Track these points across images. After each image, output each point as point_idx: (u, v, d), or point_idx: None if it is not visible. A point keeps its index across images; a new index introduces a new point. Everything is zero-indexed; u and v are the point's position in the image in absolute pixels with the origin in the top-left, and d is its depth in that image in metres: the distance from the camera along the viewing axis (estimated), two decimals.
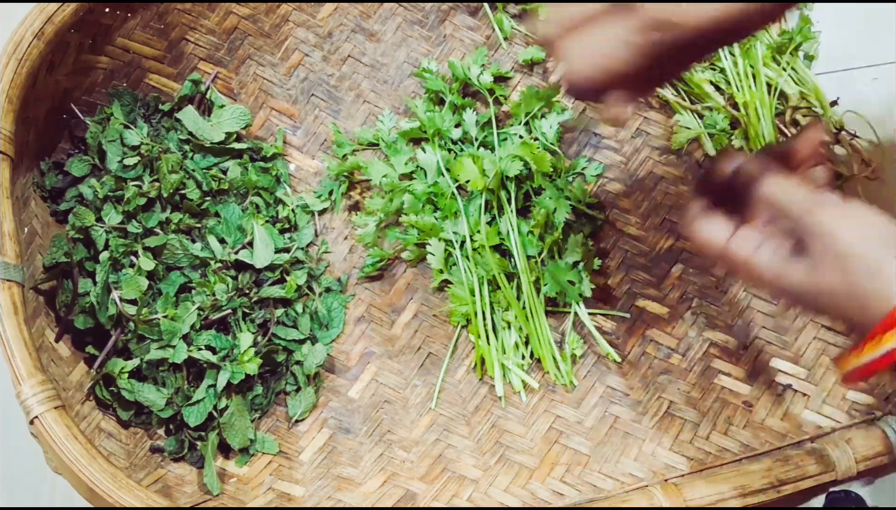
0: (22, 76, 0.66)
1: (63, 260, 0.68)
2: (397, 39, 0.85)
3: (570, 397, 0.75)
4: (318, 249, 0.80)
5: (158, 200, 0.74)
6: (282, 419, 0.74)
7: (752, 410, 0.74)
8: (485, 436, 0.74)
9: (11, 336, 0.60)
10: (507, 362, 0.74)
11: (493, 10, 0.85)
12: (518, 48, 0.85)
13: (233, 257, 0.74)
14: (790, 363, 0.76)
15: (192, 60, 0.82)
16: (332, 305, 0.77)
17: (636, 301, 0.78)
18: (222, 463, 0.72)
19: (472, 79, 0.81)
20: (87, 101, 0.77)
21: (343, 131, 0.83)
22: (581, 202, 0.79)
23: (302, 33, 0.84)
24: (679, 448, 0.73)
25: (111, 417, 0.70)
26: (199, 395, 0.69)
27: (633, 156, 0.83)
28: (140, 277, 0.70)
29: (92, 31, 0.74)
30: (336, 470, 0.73)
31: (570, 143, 0.83)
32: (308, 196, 0.81)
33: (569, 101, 0.83)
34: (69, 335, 0.70)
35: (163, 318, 0.70)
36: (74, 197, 0.74)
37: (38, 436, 0.60)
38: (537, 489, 0.72)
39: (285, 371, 0.75)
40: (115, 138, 0.75)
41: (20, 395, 0.59)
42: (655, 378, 0.76)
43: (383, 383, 0.76)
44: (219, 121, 0.79)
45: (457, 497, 0.71)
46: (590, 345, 0.77)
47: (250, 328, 0.73)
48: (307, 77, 0.84)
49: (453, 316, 0.76)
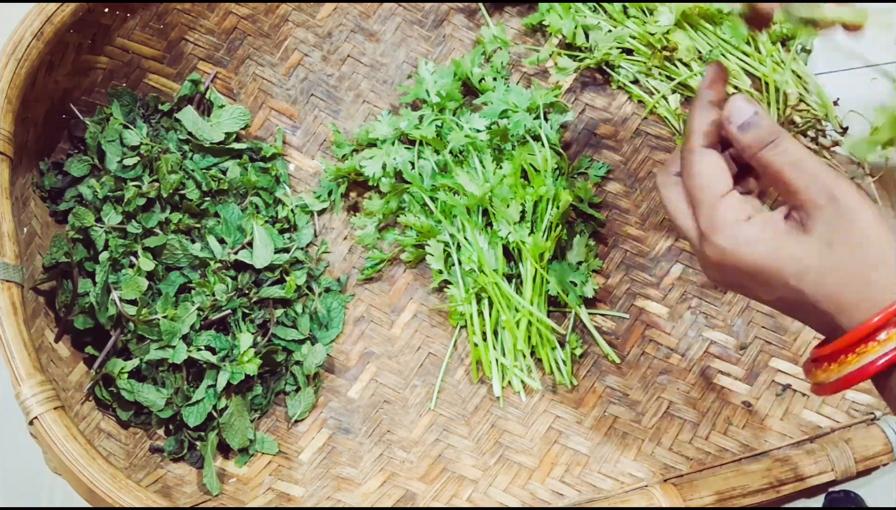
0: (21, 76, 0.66)
1: (63, 260, 0.68)
2: (397, 39, 0.85)
3: (570, 397, 0.75)
4: (318, 249, 0.80)
5: (158, 201, 0.74)
6: (281, 419, 0.74)
7: (752, 410, 0.74)
8: (484, 436, 0.74)
9: (11, 336, 0.60)
10: (506, 362, 0.74)
11: (491, 14, 0.85)
12: (517, 48, 0.85)
13: (232, 257, 0.74)
14: (789, 363, 0.76)
15: (192, 60, 0.82)
16: (331, 305, 0.77)
17: (636, 301, 0.78)
18: (222, 463, 0.72)
19: (473, 79, 0.81)
20: (86, 102, 0.77)
21: (342, 131, 0.83)
22: (583, 202, 0.79)
23: (301, 33, 0.84)
24: (678, 448, 0.73)
25: (111, 418, 0.70)
26: (198, 396, 0.69)
27: (633, 156, 0.83)
28: (140, 278, 0.70)
29: (91, 31, 0.74)
30: (335, 470, 0.73)
31: (569, 143, 0.83)
32: (307, 196, 0.81)
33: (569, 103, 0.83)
34: (69, 335, 0.70)
35: (162, 319, 0.70)
36: (74, 197, 0.74)
37: (37, 437, 0.60)
38: (537, 489, 0.72)
39: (285, 371, 0.75)
40: (115, 138, 0.75)
41: (20, 396, 0.59)
42: (655, 378, 0.76)
43: (383, 383, 0.76)
44: (218, 121, 0.79)
45: (456, 497, 0.72)
46: (589, 344, 0.77)
47: (250, 328, 0.73)
48: (307, 77, 0.84)
49: (452, 316, 0.76)
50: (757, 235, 0.48)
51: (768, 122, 0.49)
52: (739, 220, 0.49)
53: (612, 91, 0.84)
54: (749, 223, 0.49)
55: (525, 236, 0.74)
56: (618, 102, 0.84)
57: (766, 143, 0.49)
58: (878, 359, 0.45)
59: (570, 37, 0.81)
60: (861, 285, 0.46)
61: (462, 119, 0.80)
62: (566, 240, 0.78)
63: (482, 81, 0.81)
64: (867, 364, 0.45)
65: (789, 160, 0.48)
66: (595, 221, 0.80)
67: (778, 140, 0.48)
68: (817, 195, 0.47)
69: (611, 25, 0.81)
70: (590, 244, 0.78)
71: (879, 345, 0.45)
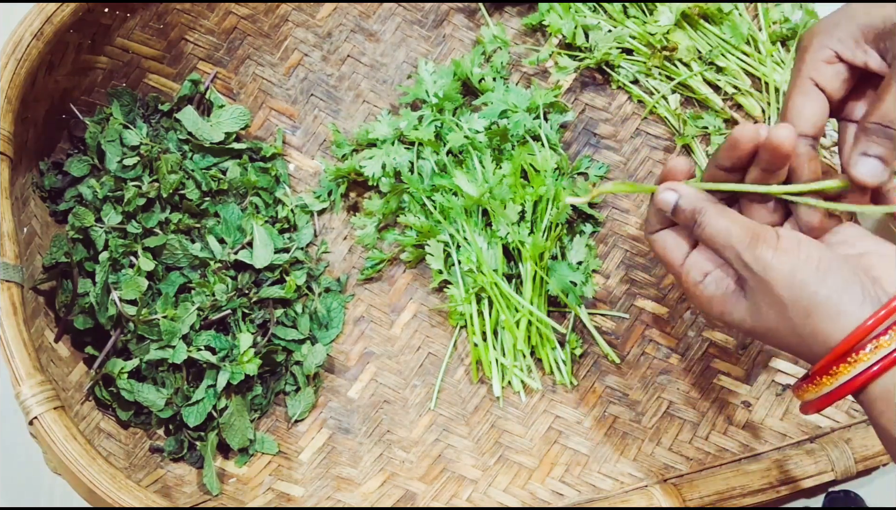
0: (21, 76, 0.66)
1: (62, 260, 0.68)
2: (396, 39, 0.85)
3: (570, 397, 0.75)
4: (318, 249, 0.80)
5: (158, 200, 0.74)
6: (281, 419, 0.74)
7: (752, 410, 0.74)
8: (484, 436, 0.74)
9: (11, 336, 0.60)
10: (506, 362, 0.74)
11: (491, 14, 0.85)
12: (517, 48, 0.85)
13: (232, 257, 0.74)
14: (789, 363, 0.76)
15: (192, 60, 0.82)
16: (331, 305, 0.77)
17: (636, 301, 0.78)
18: (222, 463, 0.72)
19: (473, 79, 0.81)
20: (86, 101, 0.77)
21: (342, 131, 0.83)
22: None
23: (301, 33, 0.84)
24: (678, 448, 0.73)
25: (111, 417, 0.70)
26: (198, 396, 0.69)
27: (633, 156, 0.83)
28: (140, 278, 0.70)
29: (91, 31, 0.74)
30: (335, 470, 0.73)
31: (569, 143, 0.83)
32: (307, 196, 0.81)
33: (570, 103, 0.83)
34: (68, 335, 0.70)
35: (162, 319, 0.70)
36: (74, 197, 0.74)
37: (37, 437, 0.60)
38: (536, 489, 0.72)
39: (285, 371, 0.75)
40: (115, 138, 0.75)
41: (19, 396, 0.59)
42: (655, 378, 0.76)
43: (383, 383, 0.76)
44: (218, 121, 0.79)
45: (456, 497, 0.72)
46: (589, 345, 0.77)
47: (250, 328, 0.73)
48: (306, 77, 0.84)
49: (452, 316, 0.76)
50: (711, 294, 0.53)
51: (687, 203, 0.53)
52: (697, 283, 0.54)
53: (612, 91, 0.84)
54: (704, 284, 0.54)
55: (525, 236, 0.74)
56: (618, 102, 0.84)
57: (692, 224, 0.53)
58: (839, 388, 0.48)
59: (570, 37, 0.81)
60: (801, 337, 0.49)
61: (462, 119, 0.80)
62: (566, 240, 0.78)
63: (482, 81, 0.81)
64: (845, 383, 0.48)
65: (709, 235, 0.52)
66: (595, 221, 0.80)
67: (699, 218, 0.52)
68: (736, 264, 0.50)
69: (611, 25, 0.81)
70: (590, 244, 0.78)
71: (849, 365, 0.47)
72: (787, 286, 0.48)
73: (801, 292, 0.48)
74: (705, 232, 0.52)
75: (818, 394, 0.49)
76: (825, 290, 0.47)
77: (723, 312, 0.53)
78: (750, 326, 0.51)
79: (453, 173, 0.75)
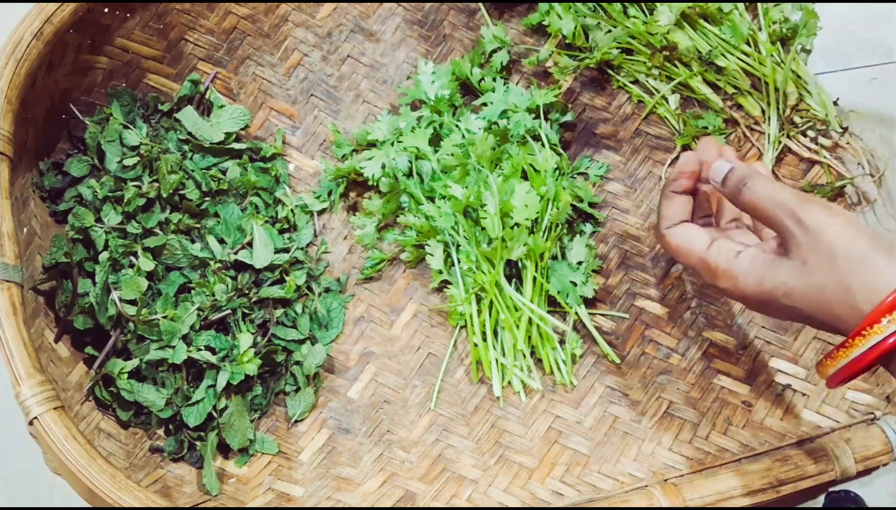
0: (21, 76, 0.66)
1: (62, 260, 0.68)
2: (396, 39, 0.85)
3: (570, 397, 0.75)
4: (318, 249, 0.80)
5: (158, 201, 0.74)
6: (281, 419, 0.74)
7: (752, 410, 0.74)
8: (484, 436, 0.74)
9: (10, 336, 0.60)
10: (506, 362, 0.74)
11: (491, 14, 0.85)
12: (517, 48, 0.85)
13: (232, 257, 0.74)
14: (789, 363, 0.76)
15: (192, 60, 0.82)
16: (331, 305, 0.77)
17: (636, 301, 0.78)
18: (221, 463, 0.72)
19: (473, 79, 0.81)
20: (86, 102, 0.77)
21: (342, 131, 0.83)
22: (583, 202, 0.79)
23: (301, 33, 0.84)
24: (678, 448, 0.73)
25: (110, 418, 0.70)
26: (198, 396, 0.69)
27: (633, 156, 0.83)
28: (139, 278, 0.70)
29: (91, 31, 0.74)
30: (335, 470, 0.73)
31: (569, 143, 0.83)
32: (307, 196, 0.81)
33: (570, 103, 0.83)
34: (68, 335, 0.70)
35: (162, 319, 0.70)
36: (74, 197, 0.74)
37: (37, 437, 0.60)
38: (537, 489, 0.72)
39: (285, 371, 0.75)
40: (115, 138, 0.75)
41: (19, 396, 0.59)
42: (655, 378, 0.76)
43: (383, 383, 0.76)
44: (218, 121, 0.79)
45: (456, 497, 0.72)
46: (589, 345, 0.77)
47: (250, 328, 0.73)
48: (306, 77, 0.84)
49: (452, 316, 0.76)
50: (747, 268, 0.55)
51: (739, 168, 0.57)
52: (730, 259, 0.56)
53: (612, 91, 0.84)
54: (738, 259, 0.56)
55: (524, 238, 0.74)
56: (618, 102, 0.84)
57: (741, 188, 0.56)
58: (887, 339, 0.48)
59: (570, 37, 0.81)
60: (843, 294, 0.50)
61: (461, 120, 0.79)
62: (566, 240, 0.78)
63: (482, 82, 0.81)
64: (874, 345, 0.48)
65: (758, 196, 0.55)
66: (595, 221, 0.80)
67: (748, 181, 0.56)
68: (786, 221, 0.53)
69: (611, 25, 0.81)
70: (590, 244, 0.78)
71: (882, 329, 0.48)
72: (842, 235, 0.50)
73: (856, 242, 0.50)
74: (755, 194, 0.54)
75: (848, 358, 0.50)
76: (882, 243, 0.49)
77: (761, 280, 0.54)
78: (790, 288, 0.52)
79: (445, 180, 0.75)
